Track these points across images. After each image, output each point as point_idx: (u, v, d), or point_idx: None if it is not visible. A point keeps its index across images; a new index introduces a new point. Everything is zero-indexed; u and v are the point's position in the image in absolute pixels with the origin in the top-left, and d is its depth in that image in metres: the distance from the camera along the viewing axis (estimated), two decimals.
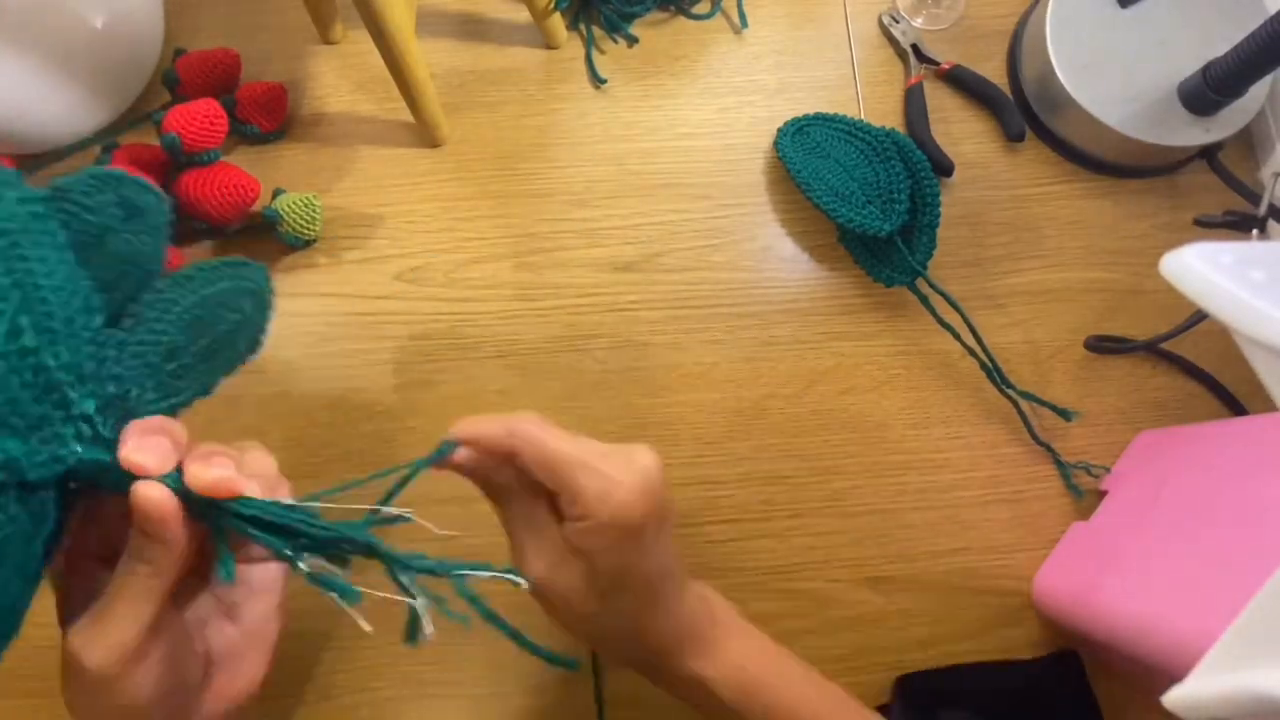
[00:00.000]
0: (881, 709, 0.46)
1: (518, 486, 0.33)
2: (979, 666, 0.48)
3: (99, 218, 0.28)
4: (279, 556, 0.27)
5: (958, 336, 0.52)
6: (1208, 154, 0.56)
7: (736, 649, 0.36)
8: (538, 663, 0.28)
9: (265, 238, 0.55)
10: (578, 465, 0.31)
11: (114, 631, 0.26)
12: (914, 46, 0.60)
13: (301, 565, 0.27)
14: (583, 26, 0.61)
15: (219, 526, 0.27)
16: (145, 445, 0.26)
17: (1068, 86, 0.55)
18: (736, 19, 0.62)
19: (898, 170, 0.53)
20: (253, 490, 0.27)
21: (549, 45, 0.61)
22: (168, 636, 0.28)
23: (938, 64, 0.60)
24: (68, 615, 0.28)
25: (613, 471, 0.31)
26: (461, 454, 0.33)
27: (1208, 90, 0.52)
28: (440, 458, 0.33)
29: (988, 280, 0.56)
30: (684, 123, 0.59)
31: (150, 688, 0.28)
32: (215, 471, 0.26)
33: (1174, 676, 0.25)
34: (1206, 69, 0.52)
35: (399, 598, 0.27)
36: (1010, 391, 0.52)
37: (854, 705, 0.37)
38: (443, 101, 0.57)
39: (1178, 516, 0.42)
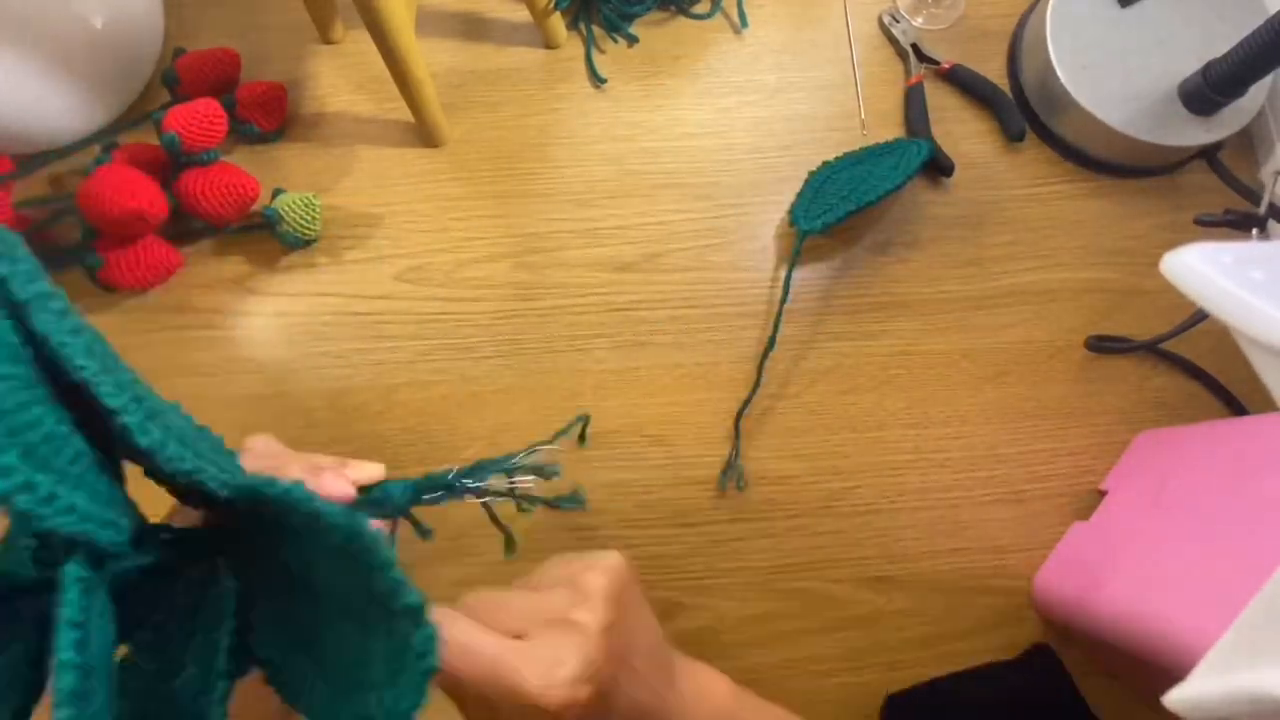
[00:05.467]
0: None
1: None
2: (963, 675, 0.48)
3: None
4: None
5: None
6: (1208, 154, 0.56)
7: None
8: None
9: (265, 237, 0.55)
10: (504, 671, 0.28)
11: None
12: (914, 46, 0.60)
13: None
14: (583, 26, 0.61)
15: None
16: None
17: (1068, 86, 0.55)
18: (736, 19, 0.62)
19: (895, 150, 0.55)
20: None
21: (549, 45, 0.61)
22: None
23: (938, 64, 0.60)
24: None
25: (544, 666, 0.28)
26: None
27: (1208, 90, 0.52)
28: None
29: (988, 280, 0.56)
30: (684, 123, 0.59)
31: None
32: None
33: (1174, 676, 0.25)
34: (1206, 69, 0.52)
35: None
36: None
37: None
38: (443, 101, 0.57)
39: (1178, 516, 0.42)
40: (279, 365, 0.54)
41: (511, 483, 0.34)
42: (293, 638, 0.22)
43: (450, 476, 0.33)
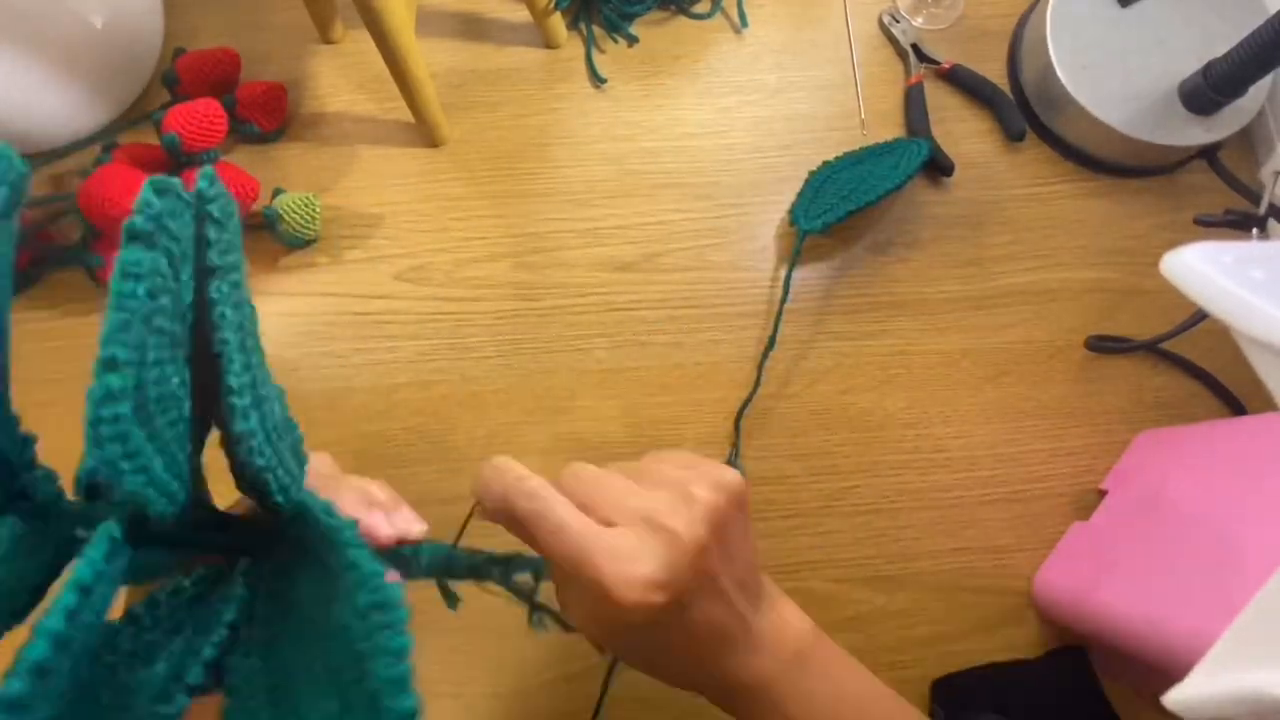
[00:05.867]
0: None
1: None
2: (1000, 666, 0.48)
3: None
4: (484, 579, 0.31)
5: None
6: (1208, 154, 0.56)
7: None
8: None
9: (265, 237, 0.55)
10: (584, 558, 0.28)
11: None
12: (914, 46, 0.60)
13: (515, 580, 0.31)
14: (583, 26, 0.61)
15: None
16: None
17: (1068, 86, 0.55)
18: (736, 19, 0.62)
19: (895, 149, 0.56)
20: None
21: (549, 45, 0.61)
22: None
23: (938, 64, 0.60)
24: None
25: (623, 563, 0.28)
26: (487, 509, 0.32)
27: (1208, 90, 0.52)
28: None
29: (988, 280, 0.56)
30: (684, 122, 0.59)
31: None
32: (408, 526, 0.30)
33: (1174, 676, 0.25)
34: (1206, 69, 0.52)
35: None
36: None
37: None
38: (443, 101, 0.57)
39: (1178, 516, 0.42)
40: (279, 365, 0.54)
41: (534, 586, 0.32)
42: (270, 682, 0.21)
43: (483, 560, 0.31)
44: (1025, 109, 0.59)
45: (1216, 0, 0.56)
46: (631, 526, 0.29)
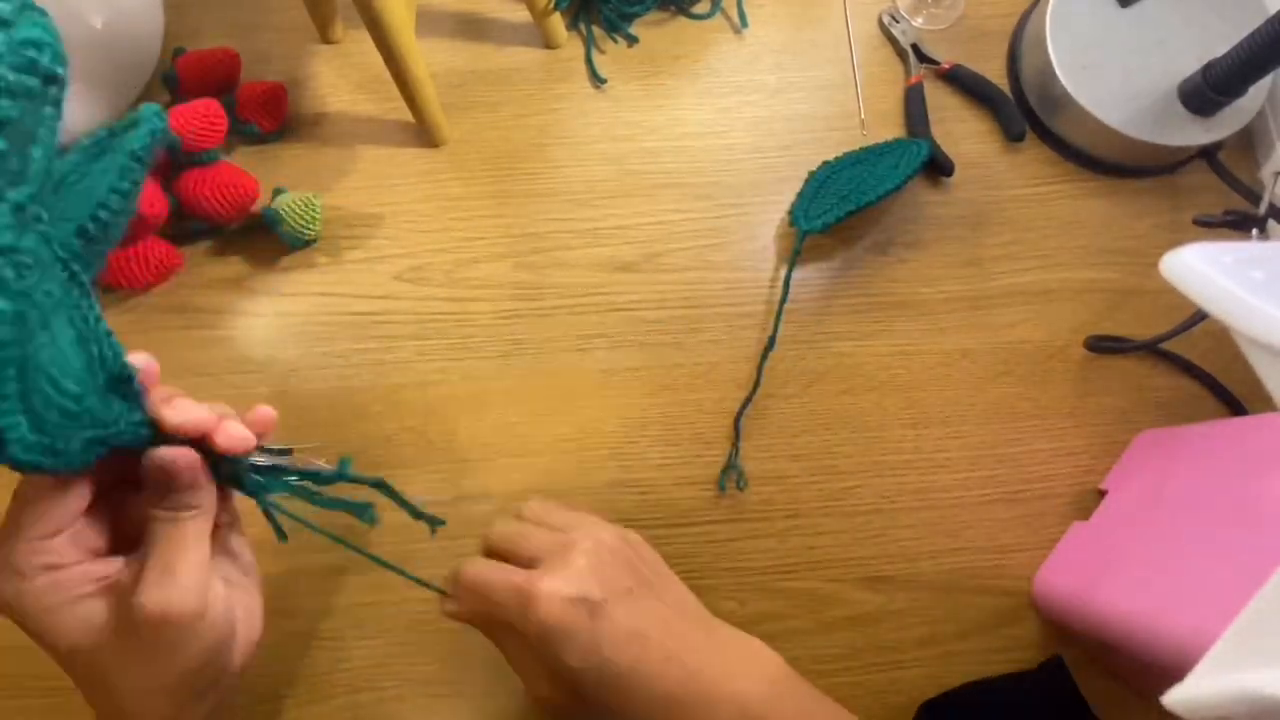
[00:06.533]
0: None
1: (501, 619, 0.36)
2: (986, 683, 0.48)
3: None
4: (296, 494, 0.33)
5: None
6: (1208, 154, 0.56)
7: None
8: None
9: (265, 237, 0.55)
10: (497, 590, 0.34)
11: (187, 575, 0.29)
12: (914, 46, 0.60)
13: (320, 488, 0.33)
14: (583, 26, 0.61)
15: (253, 489, 0.32)
16: (179, 409, 0.30)
17: (1068, 86, 0.55)
18: (736, 19, 0.62)
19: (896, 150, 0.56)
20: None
21: (549, 45, 0.61)
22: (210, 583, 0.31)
23: (938, 64, 0.60)
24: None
25: (530, 583, 0.33)
26: (448, 607, 0.38)
27: (1208, 90, 0.52)
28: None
29: (988, 280, 0.56)
30: (684, 122, 0.59)
31: (215, 632, 0.30)
32: (235, 430, 0.31)
33: (1174, 676, 0.25)
34: (1206, 69, 0.52)
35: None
36: None
37: None
38: (443, 101, 0.57)
39: (1178, 516, 0.42)
40: (280, 365, 0.54)
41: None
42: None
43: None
44: (1025, 109, 0.59)
45: (1216, 0, 0.56)
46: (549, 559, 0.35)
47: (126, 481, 0.31)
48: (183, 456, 0.29)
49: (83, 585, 0.29)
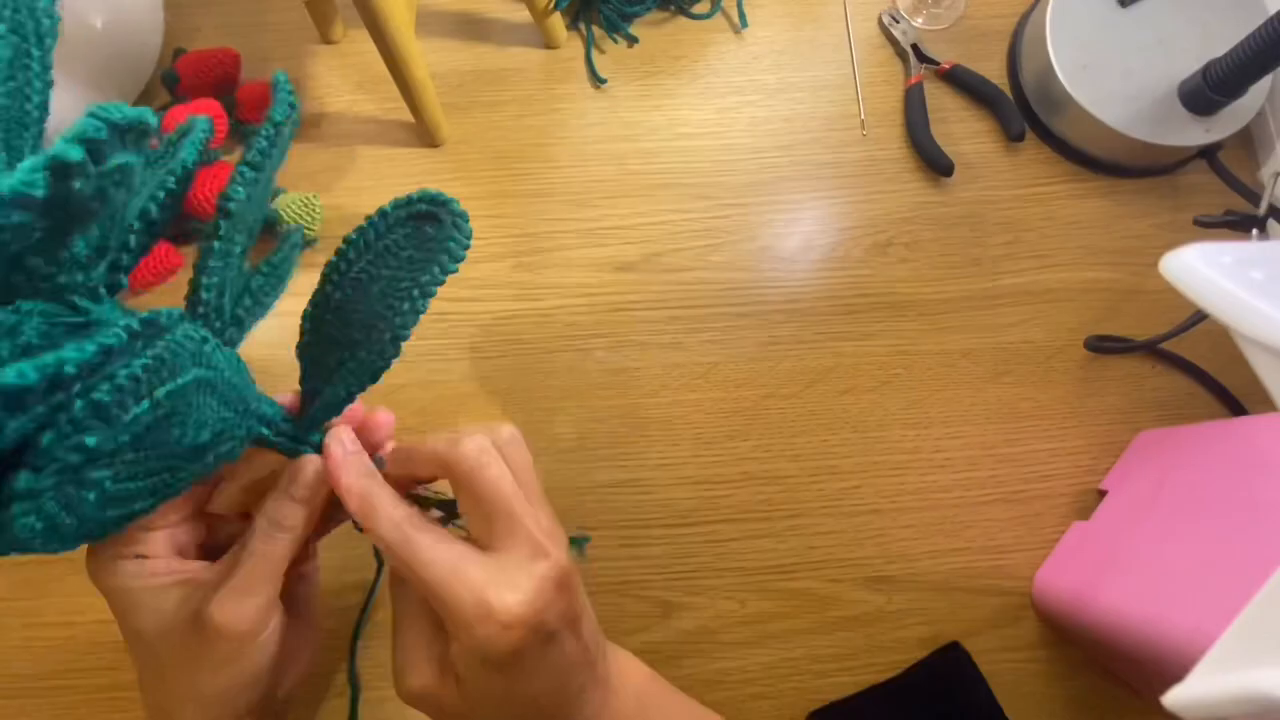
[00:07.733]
0: None
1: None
2: (881, 688, 0.48)
3: None
4: None
5: None
6: (1208, 154, 0.56)
7: None
8: None
9: (265, 237, 0.55)
10: (449, 580, 0.27)
11: (260, 593, 0.29)
12: (914, 46, 0.60)
13: None
14: (583, 26, 0.61)
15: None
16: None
17: (1068, 86, 0.55)
18: (736, 19, 0.62)
19: None
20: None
21: (549, 45, 0.61)
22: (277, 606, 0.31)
23: (938, 64, 0.60)
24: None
25: (490, 590, 0.27)
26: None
27: (1208, 90, 0.52)
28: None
29: (988, 280, 0.56)
30: (684, 123, 0.59)
31: (269, 654, 0.30)
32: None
33: (1174, 676, 0.25)
34: (1206, 69, 0.52)
35: None
36: None
37: None
38: (443, 101, 0.57)
39: (1178, 516, 0.42)
40: (280, 366, 0.54)
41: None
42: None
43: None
44: (1025, 109, 0.59)
45: (1216, 0, 0.56)
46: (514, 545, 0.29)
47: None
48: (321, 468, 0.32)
49: (163, 576, 0.30)
